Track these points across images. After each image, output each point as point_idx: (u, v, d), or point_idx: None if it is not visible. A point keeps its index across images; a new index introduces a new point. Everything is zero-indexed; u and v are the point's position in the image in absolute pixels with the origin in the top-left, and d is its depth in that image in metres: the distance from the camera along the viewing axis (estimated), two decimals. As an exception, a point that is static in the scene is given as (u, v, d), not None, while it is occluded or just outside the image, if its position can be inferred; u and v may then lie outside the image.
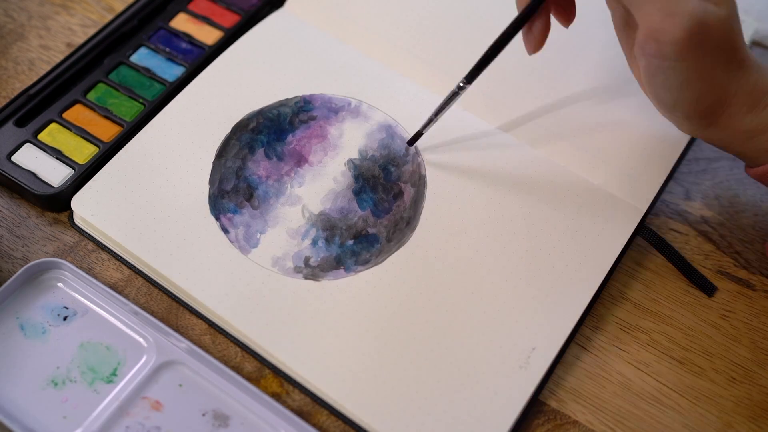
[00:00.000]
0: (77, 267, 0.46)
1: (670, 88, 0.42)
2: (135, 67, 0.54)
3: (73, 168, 0.49)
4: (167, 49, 0.55)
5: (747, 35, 0.56)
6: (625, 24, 0.45)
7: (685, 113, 0.43)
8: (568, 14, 0.46)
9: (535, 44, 0.45)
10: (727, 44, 0.40)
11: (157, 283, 0.46)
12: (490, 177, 0.49)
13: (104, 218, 0.47)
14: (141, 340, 0.44)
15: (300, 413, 0.43)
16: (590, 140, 0.51)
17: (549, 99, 0.52)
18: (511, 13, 0.46)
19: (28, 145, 0.50)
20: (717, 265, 0.49)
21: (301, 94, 0.52)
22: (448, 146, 0.50)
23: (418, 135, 0.49)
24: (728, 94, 0.42)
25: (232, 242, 0.46)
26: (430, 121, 0.48)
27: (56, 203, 0.49)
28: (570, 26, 0.47)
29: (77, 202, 0.47)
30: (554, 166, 0.50)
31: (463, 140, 0.51)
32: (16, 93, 0.54)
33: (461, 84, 0.46)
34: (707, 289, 0.47)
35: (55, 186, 0.49)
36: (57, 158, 0.50)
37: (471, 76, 0.46)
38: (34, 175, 0.49)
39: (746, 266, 0.49)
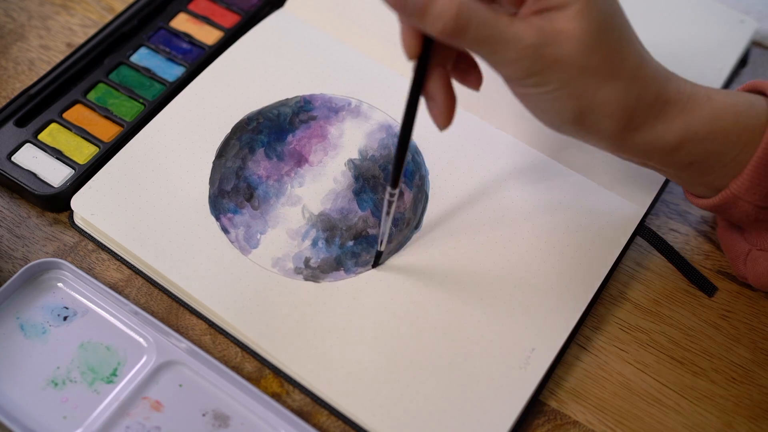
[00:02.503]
0: (77, 267, 0.46)
1: (545, 111, 0.41)
2: (135, 67, 0.54)
3: (73, 168, 0.49)
4: (167, 49, 0.55)
5: (747, 35, 0.56)
6: None
7: (576, 132, 0.41)
8: (474, 78, 0.42)
9: (443, 117, 0.41)
10: (596, 60, 0.38)
11: (157, 283, 0.46)
12: (490, 177, 0.49)
13: (104, 218, 0.47)
14: (141, 340, 0.44)
15: (300, 413, 0.43)
16: (590, 140, 0.51)
17: (549, 99, 0.52)
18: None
19: (28, 145, 0.50)
20: (717, 265, 0.49)
21: (301, 94, 0.52)
22: (448, 146, 0.50)
23: (379, 254, 0.46)
24: (624, 108, 0.39)
25: (232, 242, 0.46)
26: (383, 237, 0.45)
27: (56, 203, 0.49)
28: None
29: (77, 202, 0.47)
30: (554, 166, 0.50)
31: (463, 140, 0.51)
32: (16, 93, 0.54)
33: (390, 192, 0.42)
34: (707, 289, 0.47)
35: (55, 186, 0.49)
36: (57, 158, 0.50)
37: (394, 181, 0.42)
38: (34, 175, 0.49)
39: (746, 266, 0.49)
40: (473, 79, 0.42)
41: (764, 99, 0.42)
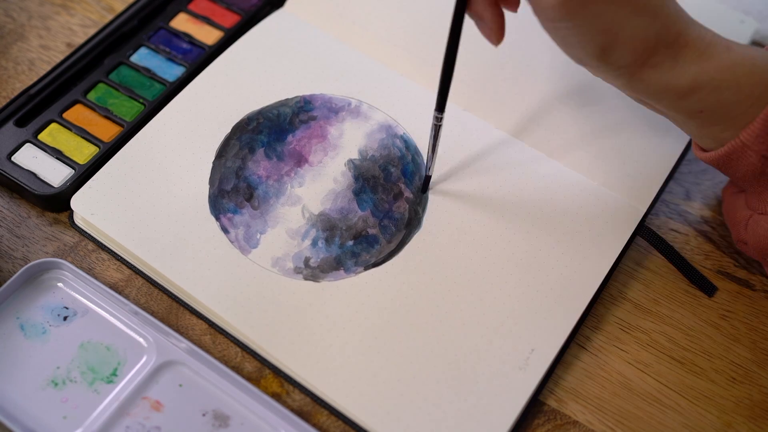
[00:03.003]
0: (77, 267, 0.46)
1: (571, 44, 0.41)
2: (135, 67, 0.54)
3: (73, 168, 0.49)
4: (167, 49, 0.55)
5: (747, 35, 0.56)
6: None
7: (597, 65, 0.42)
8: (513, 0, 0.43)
9: (494, 35, 0.42)
10: None
11: (157, 283, 0.46)
12: (490, 177, 0.49)
13: (104, 218, 0.47)
14: (141, 340, 0.44)
15: (300, 413, 0.43)
16: (590, 140, 0.51)
17: (549, 99, 0.52)
18: (511, 13, 0.46)
19: (28, 145, 0.50)
20: (717, 265, 0.49)
21: (301, 94, 0.52)
22: (448, 146, 0.50)
23: (428, 179, 0.48)
24: (645, 43, 0.40)
25: (232, 242, 0.46)
26: (430, 161, 0.47)
27: (56, 203, 0.49)
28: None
29: (77, 202, 0.47)
30: (554, 166, 0.50)
31: (463, 141, 0.51)
32: (16, 93, 0.54)
33: (437, 116, 0.45)
34: (707, 289, 0.47)
35: (55, 186, 0.49)
36: (57, 158, 0.50)
37: (440, 105, 0.44)
38: (35, 175, 0.49)
39: (746, 266, 0.49)
40: (512, 1, 0.43)
41: None
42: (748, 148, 0.42)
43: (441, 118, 0.45)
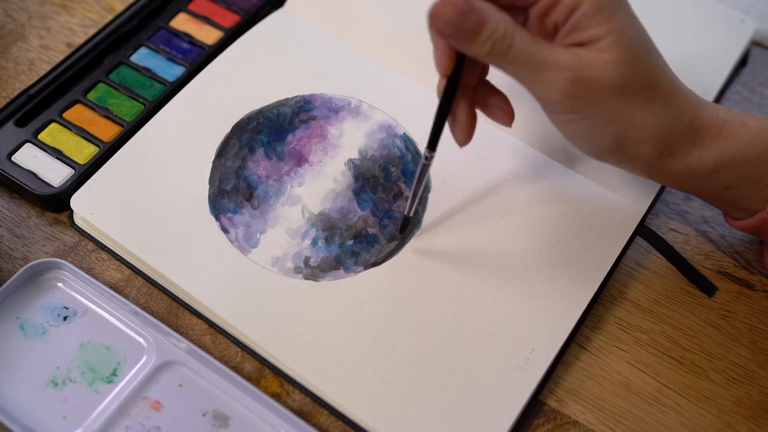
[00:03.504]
0: (77, 267, 0.46)
1: (582, 137, 0.42)
2: (135, 67, 0.54)
3: (73, 168, 0.49)
4: (167, 49, 0.55)
5: (747, 35, 0.56)
6: None
7: (614, 158, 0.42)
8: (505, 115, 0.44)
9: (462, 137, 0.43)
10: (633, 86, 0.39)
11: (157, 283, 0.46)
12: (490, 177, 0.49)
13: (104, 218, 0.47)
14: (141, 340, 0.44)
15: (300, 413, 0.43)
16: (590, 140, 0.51)
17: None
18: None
19: (28, 145, 0.50)
20: (717, 265, 0.49)
21: (301, 94, 0.52)
22: (448, 146, 0.50)
23: (407, 221, 0.46)
24: (659, 133, 0.40)
25: (232, 242, 0.46)
26: (413, 203, 0.45)
27: (56, 203, 0.49)
28: None
29: (76, 202, 0.47)
30: (554, 166, 0.50)
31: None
32: (16, 93, 0.54)
33: (426, 155, 0.43)
34: (707, 289, 0.47)
35: (55, 186, 0.49)
36: (57, 158, 0.50)
37: (431, 143, 0.43)
38: (35, 175, 0.49)
39: (746, 266, 0.49)
40: (506, 116, 0.44)
41: None
42: None
43: (430, 158, 0.43)
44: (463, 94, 0.42)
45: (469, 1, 0.37)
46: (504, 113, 0.44)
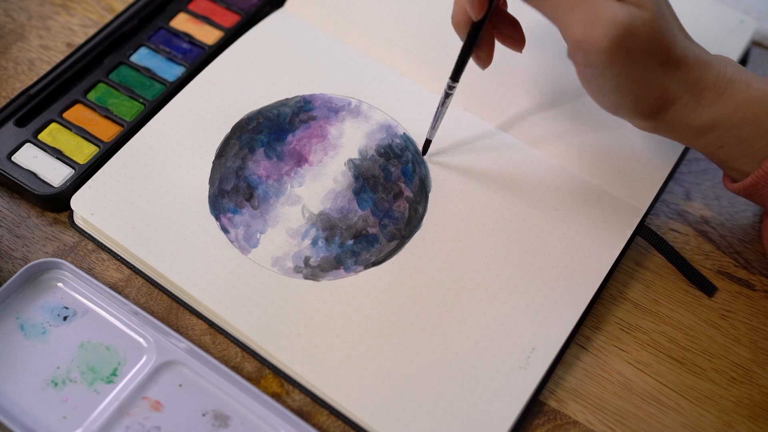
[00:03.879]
0: (77, 267, 0.46)
1: (606, 93, 0.42)
2: (135, 67, 0.54)
3: (73, 168, 0.49)
4: (167, 49, 0.55)
5: (747, 35, 0.56)
6: None
7: (628, 113, 0.43)
8: (517, 42, 0.46)
9: (484, 63, 0.46)
10: (658, 45, 0.40)
11: (157, 283, 0.46)
12: (490, 177, 0.49)
13: (104, 218, 0.47)
14: (141, 340, 0.44)
15: (300, 413, 0.43)
16: (590, 140, 0.51)
17: (549, 99, 0.52)
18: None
19: (28, 145, 0.50)
20: (717, 265, 0.49)
21: (301, 94, 0.52)
22: (448, 146, 0.50)
23: (428, 143, 0.49)
24: (669, 93, 0.41)
25: (232, 242, 0.46)
26: (434, 128, 0.48)
27: (56, 203, 0.49)
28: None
29: (77, 202, 0.47)
30: (554, 166, 0.50)
31: (463, 140, 0.51)
32: (16, 93, 0.54)
33: (450, 84, 0.46)
34: (707, 289, 0.47)
35: (56, 186, 0.49)
36: (57, 158, 0.50)
37: (455, 74, 0.46)
38: (35, 175, 0.49)
39: (746, 266, 0.49)
40: (518, 43, 0.45)
41: None
42: None
43: (454, 87, 0.46)
44: (488, 33, 0.44)
45: None
46: (516, 41, 0.45)
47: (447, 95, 0.47)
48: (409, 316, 0.44)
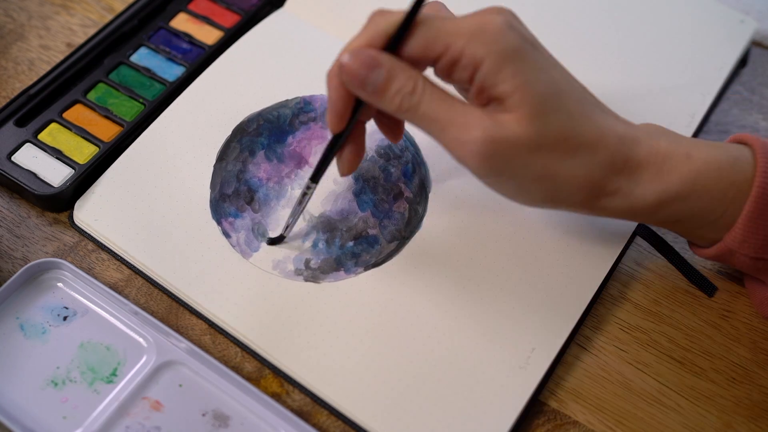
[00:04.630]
0: (77, 267, 0.46)
1: (514, 195, 0.41)
2: (135, 67, 0.54)
3: (73, 168, 0.49)
4: (167, 49, 0.55)
5: (747, 35, 0.56)
6: None
7: (553, 207, 0.42)
8: (394, 134, 0.44)
9: (343, 170, 0.44)
10: (549, 141, 0.38)
11: (157, 283, 0.46)
12: (490, 177, 0.49)
13: (107, 224, 0.47)
14: (141, 340, 0.44)
15: (300, 413, 0.43)
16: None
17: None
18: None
19: (28, 145, 0.50)
20: (717, 265, 0.49)
21: (301, 95, 0.52)
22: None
23: (281, 238, 0.47)
24: (592, 179, 0.39)
25: (233, 247, 0.46)
26: (290, 226, 0.46)
27: (56, 203, 0.49)
28: (565, 30, 0.45)
29: (80, 208, 0.48)
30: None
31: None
32: (16, 93, 0.54)
33: (308, 185, 0.44)
34: (707, 289, 0.47)
35: (56, 186, 0.49)
36: (57, 158, 0.50)
37: (314, 176, 0.44)
38: (34, 175, 0.49)
39: (746, 266, 0.49)
40: (395, 136, 0.44)
41: (749, 150, 0.41)
42: (735, 252, 0.42)
43: (312, 188, 0.44)
44: (356, 131, 0.42)
45: (375, 56, 0.37)
46: (393, 134, 0.44)
47: (304, 195, 0.45)
48: (410, 317, 0.44)
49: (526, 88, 0.37)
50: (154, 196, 0.48)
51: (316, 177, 0.44)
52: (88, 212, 0.47)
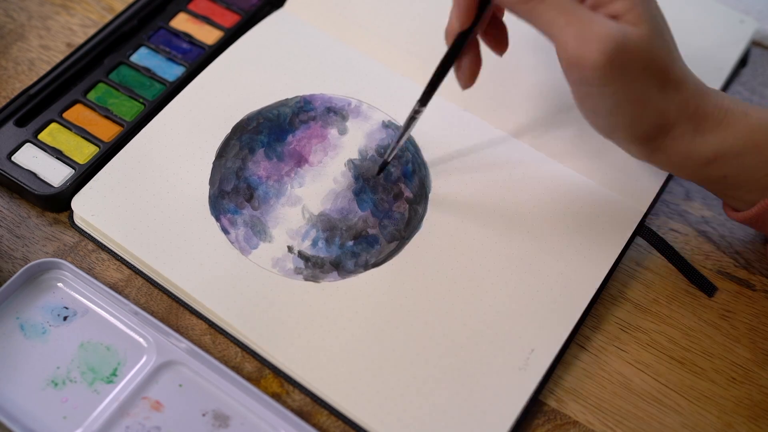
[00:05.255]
0: (77, 267, 0.46)
1: (601, 114, 0.41)
2: (135, 67, 0.54)
3: (73, 168, 0.49)
4: (167, 49, 0.55)
5: (747, 35, 0.56)
6: None
7: (624, 137, 0.42)
8: (500, 44, 0.45)
9: (465, 80, 0.44)
10: (655, 64, 0.39)
11: (157, 283, 0.46)
12: (490, 178, 0.49)
13: (105, 219, 0.47)
14: (141, 340, 0.44)
15: (300, 413, 0.43)
16: (590, 140, 0.51)
17: (549, 99, 0.52)
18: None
19: (28, 144, 0.50)
20: (717, 265, 0.49)
21: (301, 94, 0.52)
22: (448, 146, 0.50)
23: (385, 164, 0.48)
24: (667, 117, 0.41)
25: (232, 243, 0.46)
26: (393, 149, 0.47)
27: (56, 203, 0.49)
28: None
29: (78, 203, 0.47)
30: (554, 166, 0.50)
31: (463, 141, 0.51)
32: (16, 93, 0.54)
33: (416, 108, 0.45)
34: (707, 289, 0.47)
35: (56, 186, 0.49)
36: (57, 158, 0.50)
37: (424, 99, 0.45)
38: (35, 175, 0.49)
39: (746, 266, 0.49)
40: (501, 46, 0.45)
41: None
42: None
43: (420, 112, 0.45)
44: (472, 43, 0.43)
45: None
46: (499, 44, 0.45)
47: (412, 119, 0.45)
48: (409, 317, 0.44)
49: (644, 7, 0.38)
50: (153, 192, 0.48)
51: (426, 98, 0.44)
52: (85, 208, 0.47)
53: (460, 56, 0.43)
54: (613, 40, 0.37)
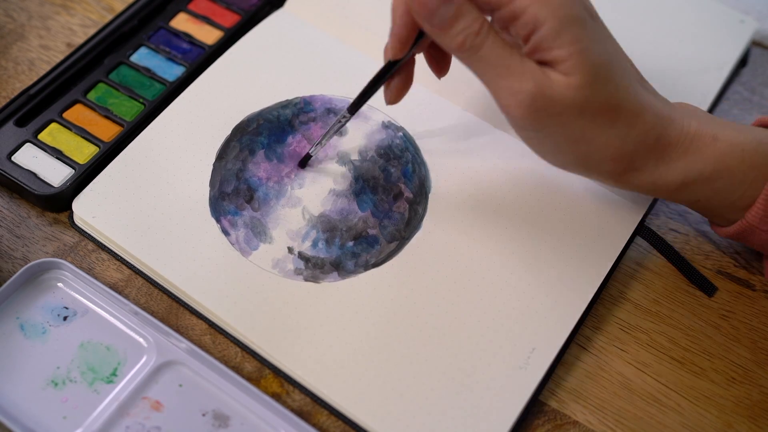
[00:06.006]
0: (77, 267, 0.46)
1: (547, 152, 0.42)
2: (135, 67, 0.54)
3: (73, 168, 0.49)
4: (167, 49, 0.55)
5: (747, 35, 0.56)
6: None
7: (579, 172, 0.43)
8: (440, 69, 0.46)
9: (390, 98, 0.45)
10: (593, 107, 0.39)
11: (157, 283, 0.46)
12: (490, 177, 0.49)
13: (105, 221, 0.47)
14: (141, 340, 0.44)
15: (300, 413, 0.43)
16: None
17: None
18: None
19: (28, 144, 0.50)
20: (717, 265, 0.49)
21: (301, 95, 0.52)
22: (447, 146, 0.50)
23: (308, 157, 0.49)
24: (622, 151, 0.41)
25: (232, 244, 0.46)
26: (315, 147, 0.48)
27: (56, 203, 0.49)
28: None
29: (78, 205, 0.47)
30: (554, 166, 0.50)
31: (463, 140, 0.51)
32: (16, 93, 0.54)
33: (345, 114, 0.46)
34: (707, 289, 0.47)
35: (56, 186, 0.49)
36: (57, 158, 0.50)
37: (353, 109, 0.46)
38: (35, 175, 0.49)
39: (746, 266, 0.49)
40: (441, 71, 0.46)
41: None
42: (756, 228, 0.43)
43: (347, 118, 0.46)
44: (409, 61, 0.44)
45: None
46: (441, 69, 0.45)
47: (339, 123, 0.47)
48: (409, 317, 0.44)
49: (582, 57, 0.38)
50: (153, 194, 0.48)
51: (355, 108, 0.45)
52: (86, 210, 0.47)
53: (389, 79, 0.44)
54: (528, 95, 0.38)
